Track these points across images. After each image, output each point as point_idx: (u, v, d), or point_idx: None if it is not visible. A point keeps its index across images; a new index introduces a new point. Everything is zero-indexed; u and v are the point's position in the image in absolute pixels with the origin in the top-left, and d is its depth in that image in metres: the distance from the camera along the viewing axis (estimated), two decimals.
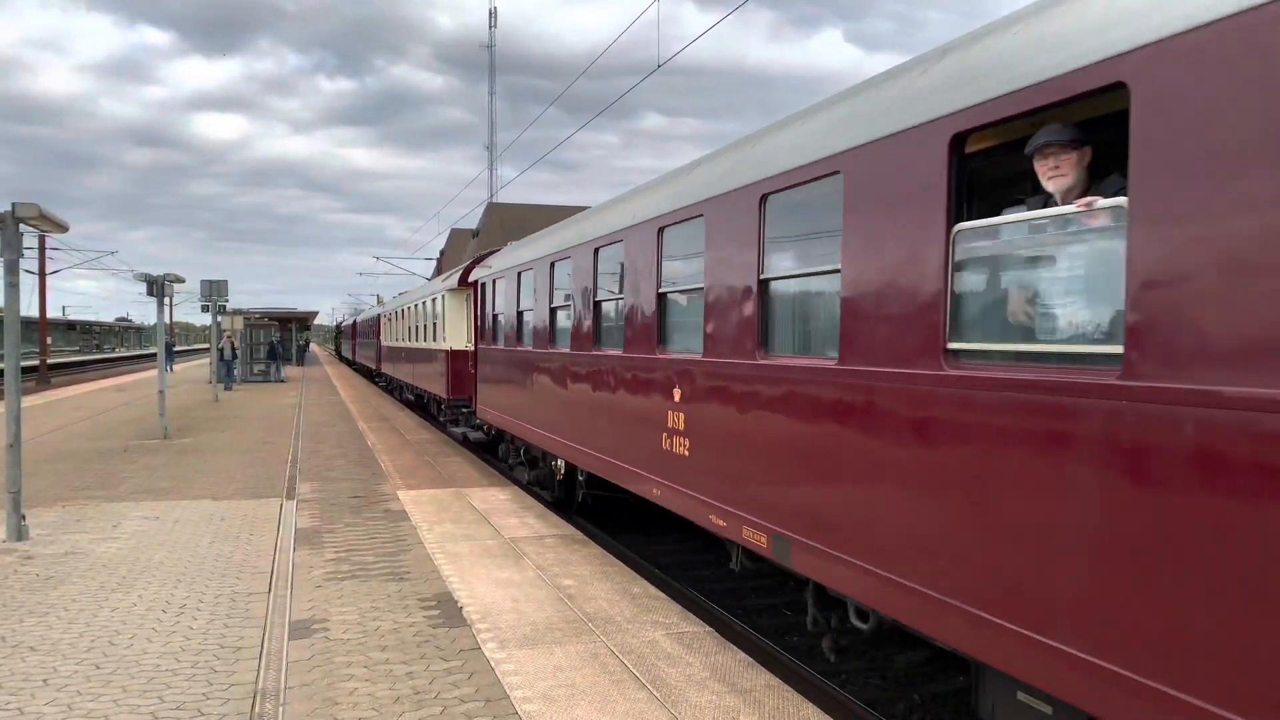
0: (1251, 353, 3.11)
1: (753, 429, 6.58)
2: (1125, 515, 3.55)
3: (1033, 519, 3.98)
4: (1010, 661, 4.11)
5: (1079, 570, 3.75)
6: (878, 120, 5.22)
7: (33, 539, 9.37)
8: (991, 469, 4.24)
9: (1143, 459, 3.48)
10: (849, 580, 5.42)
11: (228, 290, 28.49)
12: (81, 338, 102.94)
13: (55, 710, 5.25)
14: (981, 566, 4.29)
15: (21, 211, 9.06)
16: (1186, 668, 3.31)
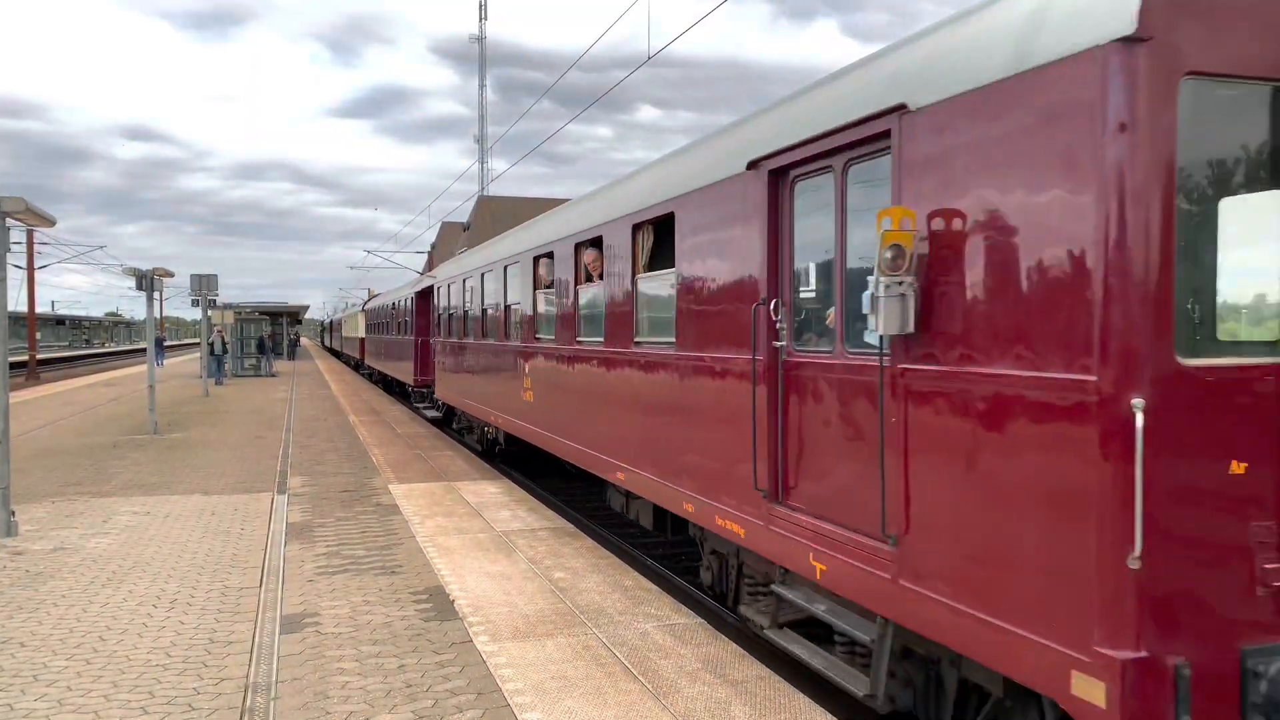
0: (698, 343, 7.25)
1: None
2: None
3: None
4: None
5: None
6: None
7: (22, 535, 9.33)
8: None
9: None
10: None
11: (218, 285, 28.42)
12: (71, 333, 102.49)
13: (45, 706, 5.23)
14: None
15: (7, 206, 9.00)
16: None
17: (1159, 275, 3.72)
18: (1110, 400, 3.71)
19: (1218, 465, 3.81)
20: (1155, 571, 3.68)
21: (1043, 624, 3.97)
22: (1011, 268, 4.20)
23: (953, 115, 4.55)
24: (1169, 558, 3.72)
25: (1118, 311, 3.73)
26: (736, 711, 5.17)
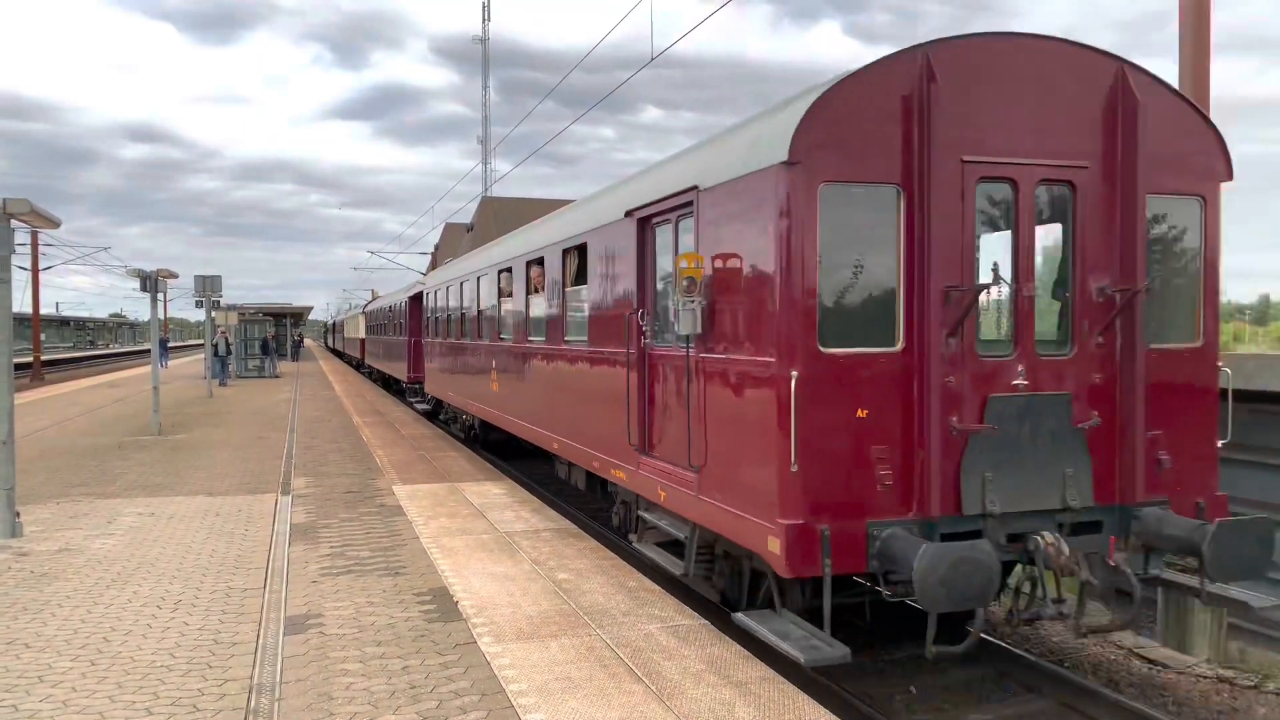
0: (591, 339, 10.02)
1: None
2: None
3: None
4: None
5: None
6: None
7: (27, 535, 9.35)
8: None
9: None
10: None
11: (222, 286, 28.42)
12: (75, 334, 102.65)
13: (50, 707, 5.24)
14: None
15: (12, 207, 9.02)
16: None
17: (806, 300, 6.23)
18: (780, 373, 6.24)
19: (848, 411, 6.29)
20: (807, 475, 6.17)
21: (756, 510, 6.51)
22: (743, 293, 6.79)
23: (720, 194, 7.17)
24: (816, 467, 6.19)
25: (784, 321, 6.26)
26: (741, 713, 5.17)
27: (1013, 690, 8.02)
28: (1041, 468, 6.64)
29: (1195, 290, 7.34)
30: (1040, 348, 6.83)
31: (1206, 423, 7.35)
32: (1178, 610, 9.67)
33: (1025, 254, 6.72)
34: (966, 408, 6.51)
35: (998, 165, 6.67)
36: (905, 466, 6.41)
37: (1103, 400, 6.90)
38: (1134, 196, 6.89)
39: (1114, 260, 6.95)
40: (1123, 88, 6.91)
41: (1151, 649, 9.63)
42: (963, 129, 6.52)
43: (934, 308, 6.39)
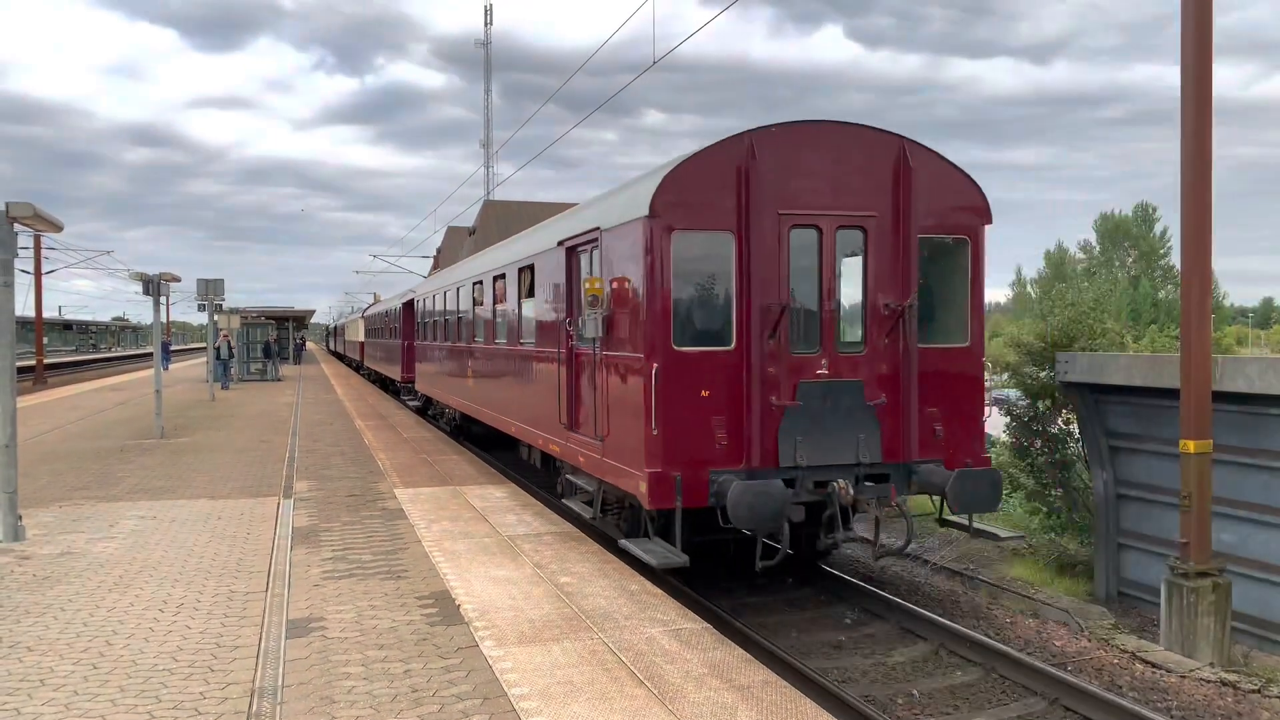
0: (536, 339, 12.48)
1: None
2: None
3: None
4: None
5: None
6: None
7: (29, 539, 9.35)
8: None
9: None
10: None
11: (224, 289, 28.40)
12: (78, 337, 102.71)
13: (52, 710, 5.24)
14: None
15: (15, 211, 9.03)
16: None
17: (664, 312, 8.68)
18: (647, 365, 8.70)
19: (694, 391, 8.70)
20: (664, 436, 8.60)
21: (632, 463, 8.97)
22: (626, 307, 9.22)
23: (612, 235, 9.63)
24: (671, 431, 8.63)
25: (649, 327, 8.72)
26: (743, 717, 5.16)
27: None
28: (840, 434, 9.08)
29: (965, 305, 9.74)
30: (840, 346, 9.35)
31: (973, 403, 9.81)
32: (1181, 614, 9.66)
33: (828, 278, 9.26)
34: (782, 390, 9.01)
35: (806, 216, 9.14)
36: (736, 431, 8.87)
37: (888, 385, 9.38)
38: (910, 238, 9.37)
39: (896, 283, 9.38)
40: (902, 158, 9.41)
41: (1154, 652, 9.62)
42: (779, 190, 9.01)
43: (757, 319, 8.89)
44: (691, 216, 8.84)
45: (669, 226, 8.74)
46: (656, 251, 8.74)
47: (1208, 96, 9.84)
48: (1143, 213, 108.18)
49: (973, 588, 12.20)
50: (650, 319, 8.78)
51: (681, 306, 8.93)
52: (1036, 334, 15.72)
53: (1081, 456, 13.92)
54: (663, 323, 8.75)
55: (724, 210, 8.87)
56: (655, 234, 8.73)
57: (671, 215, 8.76)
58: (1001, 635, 9.97)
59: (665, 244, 8.73)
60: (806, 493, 8.90)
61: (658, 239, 8.73)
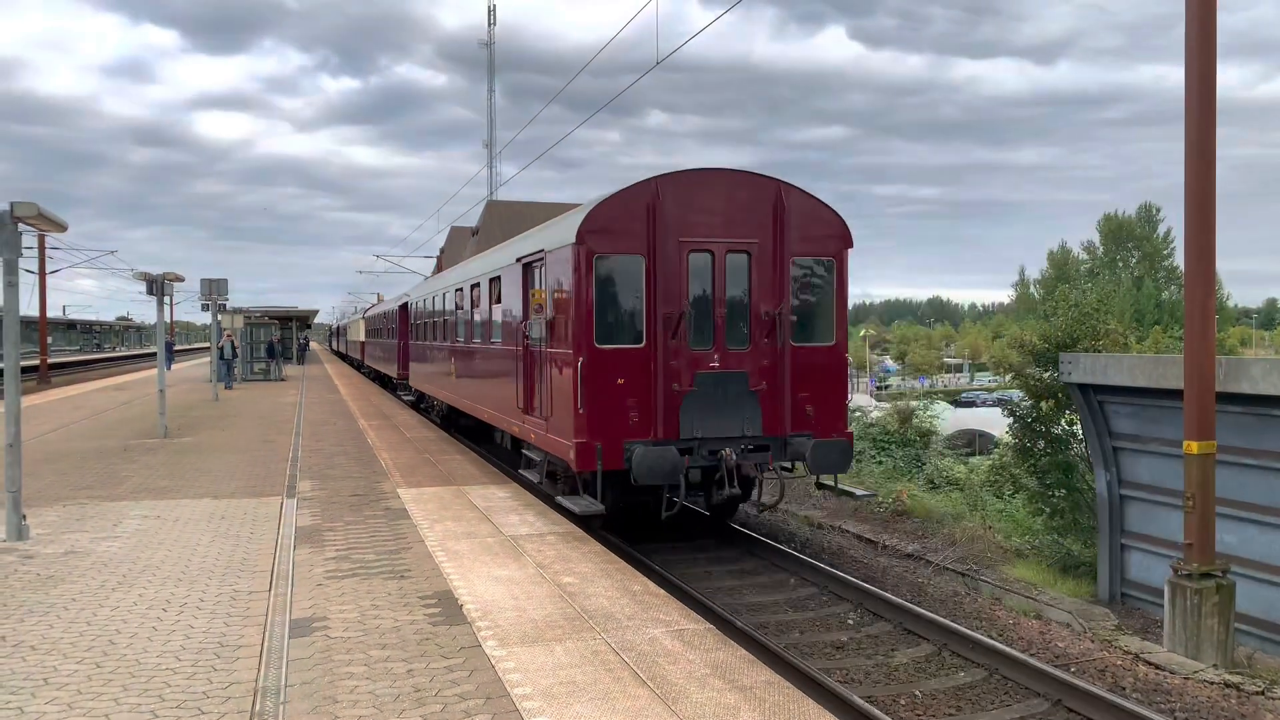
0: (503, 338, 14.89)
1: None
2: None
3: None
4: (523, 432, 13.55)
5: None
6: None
7: (33, 538, 9.37)
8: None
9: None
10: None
11: (228, 289, 28.44)
12: (81, 337, 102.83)
13: (56, 709, 5.25)
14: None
15: (20, 211, 9.04)
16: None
17: (589, 317, 10.90)
18: (575, 359, 10.91)
19: (613, 380, 10.85)
20: (588, 414, 10.80)
21: (565, 435, 11.14)
22: (562, 313, 11.38)
23: (552, 256, 11.77)
24: (594, 410, 10.80)
25: (577, 330, 10.93)
26: (745, 718, 5.16)
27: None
28: (729, 414, 11.36)
29: (832, 312, 12.10)
30: (729, 344, 11.55)
31: (838, 390, 12.08)
32: (1185, 616, 9.64)
33: (719, 291, 11.54)
34: (683, 378, 11.27)
35: (701, 242, 11.44)
36: (646, 411, 11.11)
37: (768, 375, 11.63)
38: (785, 260, 11.69)
39: (774, 295, 11.67)
40: (779, 197, 11.69)
41: (1158, 654, 9.61)
42: (680, 222, 11.31)
43: (662, 323, 11.18)
44: (611, 243, 11.14)
45: (592, 251, 11.05)
46: (583, 270, 11.04)
47: (1212, 97, 9.83)
48: (1146, 213, 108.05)
49: (975, 589, 12.20)
50: (578, 322, 11.07)
51: (602, 313, 11.15)
52: (1040, 335, 15.70)
53: (1084, 457, 13.90)
54: (587, 325, 11.03)
55: (636, 238, 11.18)
56: (582, 256, 11.03)
57: (594, 242, 11.06)
58: (1004, 636, 9.96)
59: (589, 264, 11.05)
60: (702, 459, 11.21)
61: (584, 260, 11.03)
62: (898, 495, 16.33)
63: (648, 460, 10.58)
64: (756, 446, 11.42)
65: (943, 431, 23.93)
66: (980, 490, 17.59)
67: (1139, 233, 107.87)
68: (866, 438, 21.84)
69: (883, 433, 22.00)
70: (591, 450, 10.82)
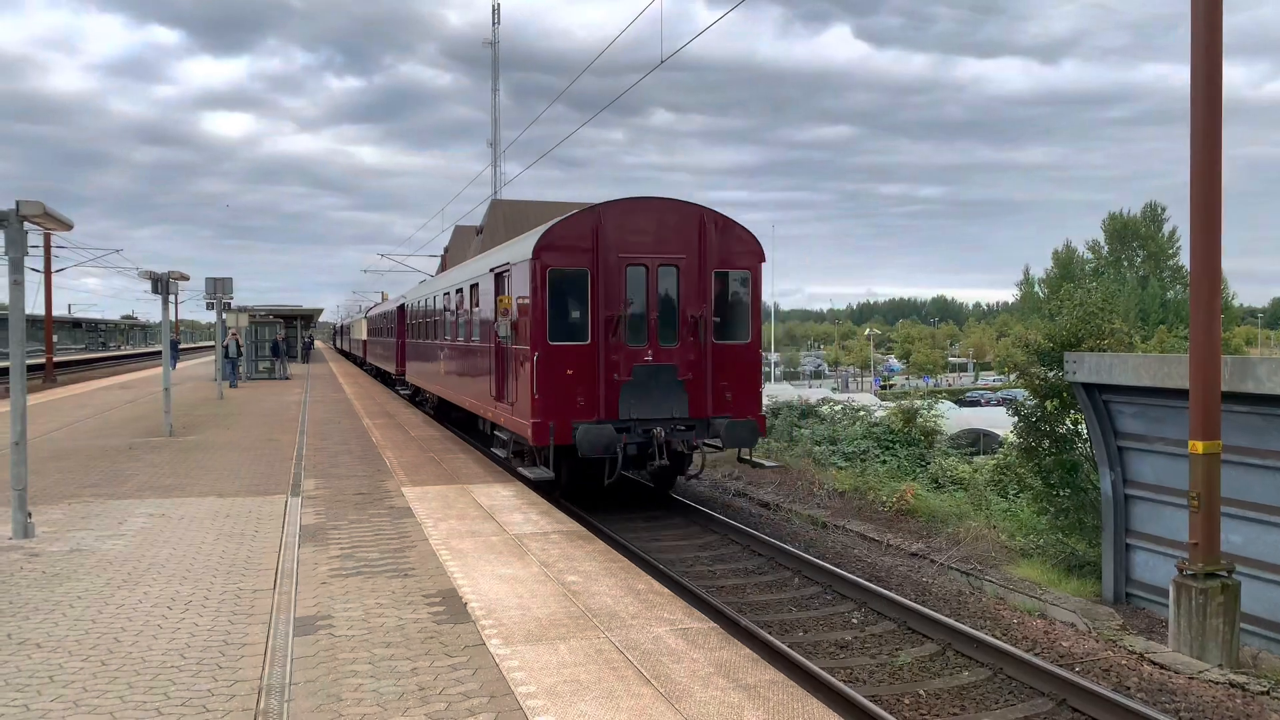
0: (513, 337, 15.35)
1: (469, 365, 18.15)
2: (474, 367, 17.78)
3: (486, 375, 16.30)
4: (494, 415, 15.96)
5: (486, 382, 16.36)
6: (471, 274, 18.49)
7: (38, 536, 9.39)
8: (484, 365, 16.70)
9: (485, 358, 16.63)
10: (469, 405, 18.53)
11: (232, 288, 28.50)
12: (87, 335, 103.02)
13: (61, 706, 5.26)
14: (479, 387, 17.14)
15: (26, 209, 9.06)
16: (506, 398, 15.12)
17: (543, 319, 13.33)
18: (532, 354, 13.31)
19: (563, 371, 13.26)
20: (542, 399, 13.21)
21: (523, 416, 13.64)
22: (522, 316, 13.77)
23: (515, 268, 14.21)
24: (547, 395, 13.20)
25: (533, 330, 13.33)
26: (750, 716, 5.16)
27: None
28: (660, 399, 13.69)
29: (748, 316, 14.40)
30: (661, 342, 13.86)
31: (752, 380, 14.39)
32: (1190, 615, 9.62)
33: (653, 298, 13.85)
34: (621, 370, 13.55)
35: (637, 258, 13.75)
36: (590, 396, 13.42)
37: (693, 368, 13.98)
38: (707, 272, 14.10)
39: (698, 301, 14.03)
40: (703, 220, 14.14)
41: (1162, 653, 9.59)
42: (619, 241, 13.64)
43: (603, 324, 13.50)
44: (561, 258, 13.48)
45: (546, 264, 13.41)
46: (539, 280, 13.40)
47: (1218, 96, 9.80)
48: (1151, 213, 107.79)
49: (979, 588, 12.19)
50: (535, 324, 13.39)
51: (554, 316, 13.45)
52: (1045, 334, 15.67)
53: (1089, 457, 13.89)
54: (542, 326, 13.38)
55: (583, 254, 13.52)
56: (538, 269, 13.39)
57: (548, 257, 13.42)
58: (1008, 636, 9.95)
59: (544, 276, 13.40)
60: (638, 436, 13.42)
61: (539, 272, 13.39)
62: (902, 494, 16.30)
63: (589, 436, 12.92)
64: (684, 426, 13.74)
65: (947, 431, 23.88)
66: (984, 490, 17.56)
67: (1144, 232, 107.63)
68: (870, 437, 21.80)
69: (887, 432, 21.95)
70: (545, 428, 13.18)
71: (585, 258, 13.49)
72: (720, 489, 19.17)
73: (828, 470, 19.47)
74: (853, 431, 22.56)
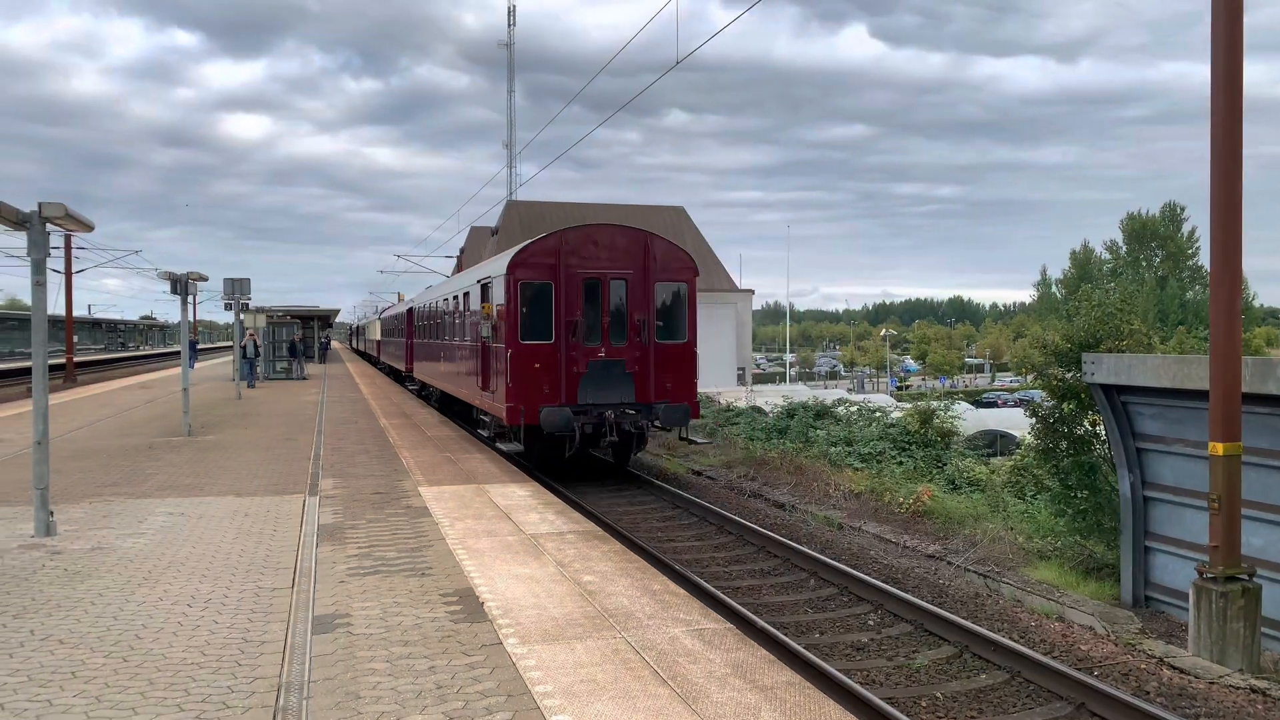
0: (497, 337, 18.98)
1: (467, 361, 20.94)
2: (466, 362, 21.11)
3: (476, 369, 19.26)
4: (480, 402, 19.22)
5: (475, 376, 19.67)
6: (463, 284, 22.32)
7: (60, 535, 9.49)
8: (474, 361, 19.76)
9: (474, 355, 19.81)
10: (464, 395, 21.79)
11: (250, 288, 28.69)
12: (107, 335, 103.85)
13: (83, 702, 5.32)
14: (470, 380, 20.28)
15: (48, 211, 9.15)
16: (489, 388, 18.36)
17: (516, 323, 16.46)
18: (506, 351, 16.50)
19: (531, 365, 16.37)
20: (515, 387, 16.31)
21: (501, 401, 16.79)
22: (500, 320, 17.08)
23: (495, 281, 17.65)
24: (519, 385, 16.30)
25: (508, 331, 16.51)
26: (766, 717, 5.15)
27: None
28: (612, 388, 16.59)
29: (684, 320, 17.37)
30: (612, 341, 16.75)
31: (688, 372, 17.32)
32: (1210, 619, 9.55)
33: (605, 306, 16.75)
34: (579, 364, 16.44)
35: (593, 273, 16.73)
36: (554, 385, 16.27)
37: (639, 363, 16.88)
38: (650, 284, 17.01)
39: (643, 308, 16.94)
40: (647, 242, 17.15)
41: (1182, 658, 9.52)
42: (578, 259, 16.61)
43: (564, 327, 16.39)
44: (530, 273, 16.59)
45: (518, 278, 16.52)
46: (512, 291, 16.50)
47: (1238, 94, 9.73)
48: (1170, 212, 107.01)
49: (996, 590, 12.14)
50: (509, 326, 16.48)
51: (525, 320, 16.47)
52: (1062, 334, 15.58)
53: (1107, 458, 13.80)
54: (514, 328, 16.43)
55: (549, 270, 16.61)
56: (511, 282, 16.52)
57: (519, 272, 16.55)
58: (1026, 639, 9.90)
59: (516, 287, 16.51)
60: (593, 419, 16.24)
61: (513, 284, 16.51)
62: (919, 495, 16.24)
63: (552, 418, 15.81)
64: (632, 410, 16.70)
65: (964, 432, 23.77)
66: (1001, 491, 17.46)
67: (1163, 232, 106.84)
68: (886, 438, 21.73)
69: (903, 433, 21.86)
70: (517, 410, 16.17)
71: (550, 272, 16.55)
72: (735, 490, 19.16)
73: (843, 471, 19.42)
74: (869, 432, 22.49)
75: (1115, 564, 12.77)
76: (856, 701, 7.62)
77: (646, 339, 16.91)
